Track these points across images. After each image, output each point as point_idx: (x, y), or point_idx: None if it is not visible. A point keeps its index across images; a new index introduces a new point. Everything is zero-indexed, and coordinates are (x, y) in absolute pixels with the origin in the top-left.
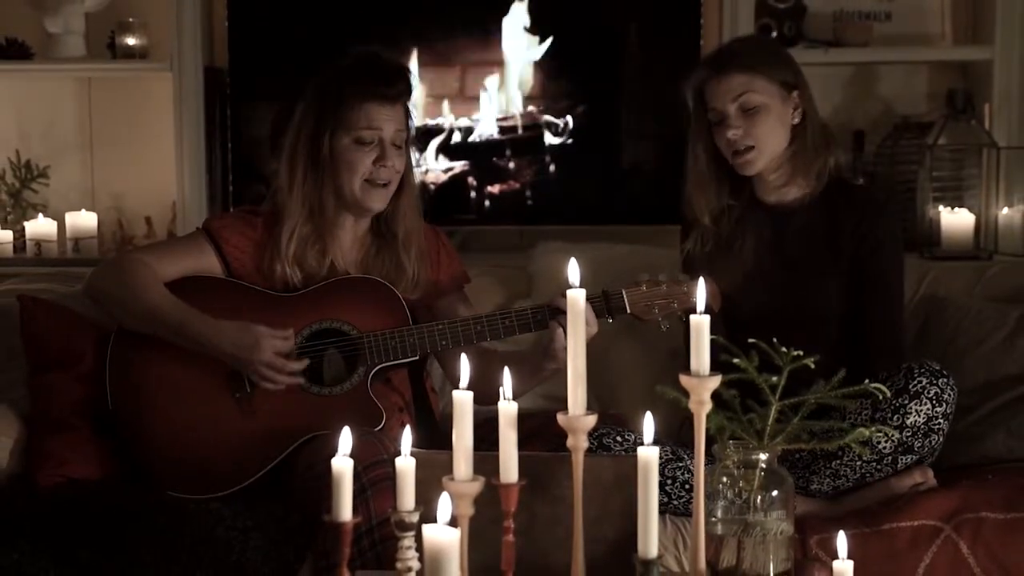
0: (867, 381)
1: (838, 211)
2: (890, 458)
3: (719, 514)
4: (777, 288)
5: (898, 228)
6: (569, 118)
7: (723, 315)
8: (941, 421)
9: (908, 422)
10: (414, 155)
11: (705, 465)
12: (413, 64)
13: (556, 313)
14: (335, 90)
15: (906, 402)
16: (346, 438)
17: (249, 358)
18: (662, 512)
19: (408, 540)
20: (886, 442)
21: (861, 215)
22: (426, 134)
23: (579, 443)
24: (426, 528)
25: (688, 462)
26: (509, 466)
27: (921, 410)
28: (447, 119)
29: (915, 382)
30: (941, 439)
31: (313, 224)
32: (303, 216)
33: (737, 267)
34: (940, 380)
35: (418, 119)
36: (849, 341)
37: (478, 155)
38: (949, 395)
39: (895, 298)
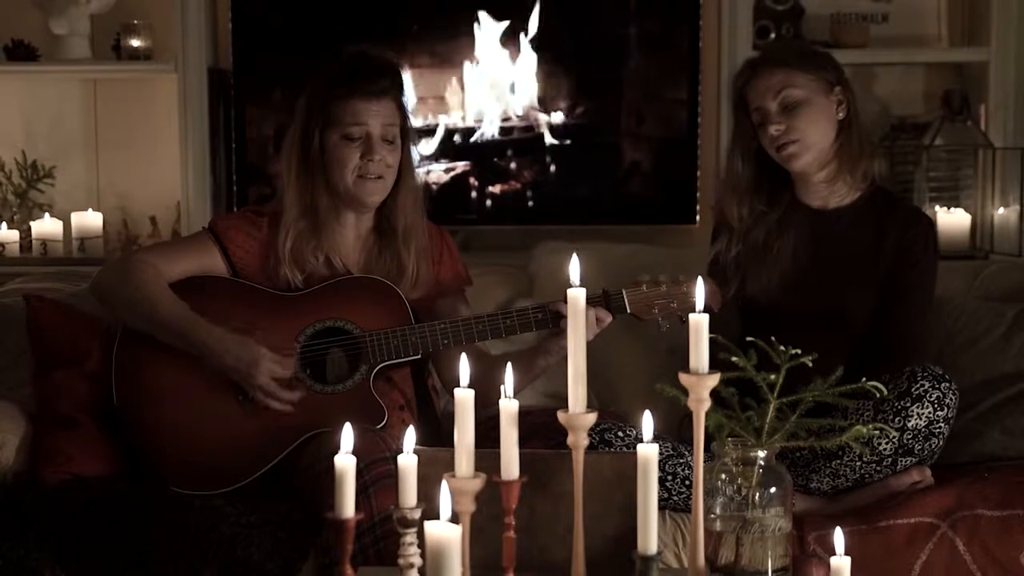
0: (863, 379)
1: (882, 222)
2: (890, 460)
3: (718, 511)
4: (810, 290)
5: (936, 245)
6: (570, 119)
7: (750, 315)
8: (942, 425)
9: (909, 425)
10: (415, 152)
11: (704, 462)
12: (415, 65)
13: (558, 317)
14: (323, 90)
15: (908, 405)
16: (348, 435)
17: (246, 374)
18: (662, 508)
19: (410, 536)
20: (887, 444)
21: (905, 228)
22: (428, 135)
23: (579, 440)
24: (428, 524)
25: (688, 458)
26: (510, 463)
27: (923, 413)
28: (449, 120)
29: (917, 386)
30: (941, 442)
31: (307, 221)
32: (297, 213)
33: (774, 268)
34: (942, 384)
35: (420, 120)
36: (869, 349)
37: (479, 155)
38: (951, 400)
39: (922, 313)
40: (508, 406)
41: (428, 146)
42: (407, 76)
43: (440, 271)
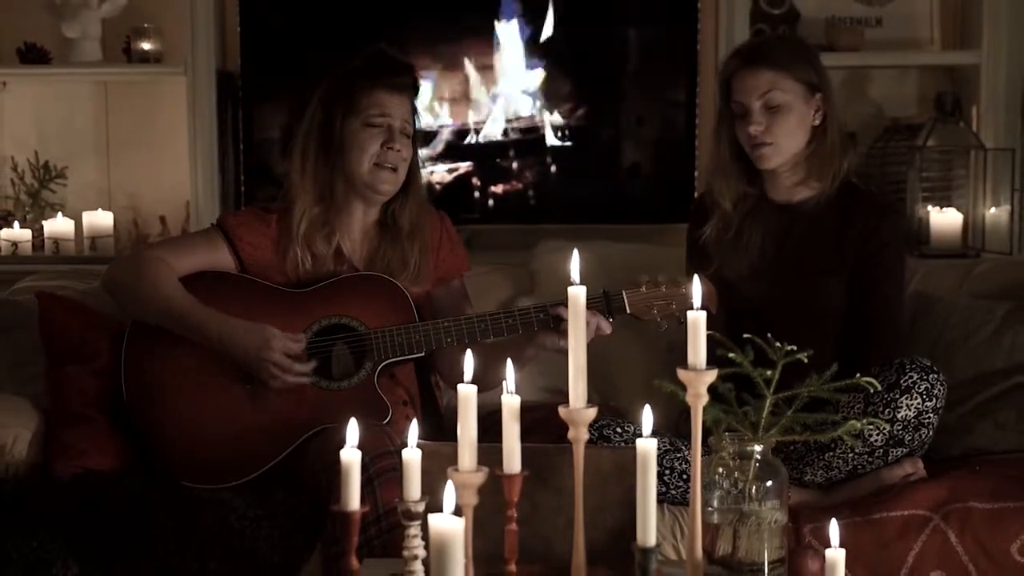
0: (857, 375)
1: (846, 213)
2: (881, 451)
3: (715, 503)
4: (781, 283)
5: (903, 232)
6: (571, 120)
7: (727, 308)
8: (931, 415)
9: (899, 416)
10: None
11: (702, 456)
12: (419, 67)
13: (559, 320)
14: (346, 81)
15: (897, 396)
16: (354, 430)
17: (258, 357)
18: (660, 501)
19: (414, 528)
20: (878, 435)
21: (867, 217)
22: (432, 135)
23: (580, 435)
24: (432, 517)
25: (685, 453)
26: (512, 457)
27: (912, 404)
28: (452, 121)
29: (906, 377)
30: (931, 433)
31: (323, 206)
32: (313, 198)
33: (742, 259)
34: (931, 376)
35: (424, 121)
36: (847, 341)
37: (482, 156)
38: (939, 390)
39: (895, 299)
40: (510, 401)
41: (432, 147)
42: None
43: (439, 257)
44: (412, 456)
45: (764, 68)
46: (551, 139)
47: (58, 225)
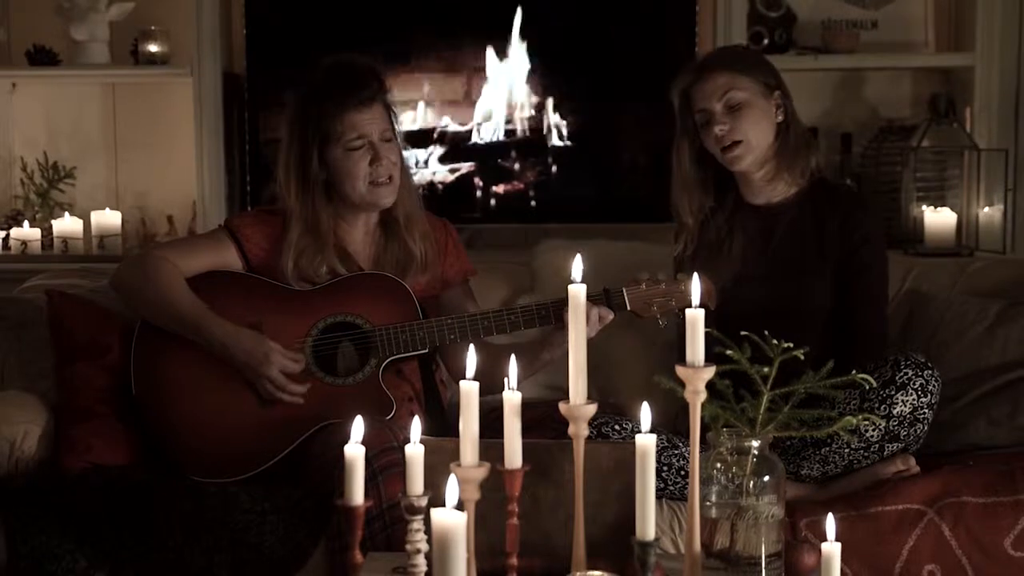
0: (854, 372)
1: (823, 210)
2: (877, 446)
3: (713, 498)
4: (766, 286)
5: (880, 224)
6: (571, 121)
7: (716, 313)
8: (926, 411)
9: (894, 412)
10: (415, 152)
11: (700, 452)
12: (422, 70)
13: (561, 314)
14: (313, 107)
15: (893, 393)
16: (358, 426)
17: (256, 370)
18: (659, 497)
19: (417, 523)
20: (873, 431)
21: (846, 213)
22: (434, 136)
23: (580, 431)
24: (434, 512)
25: (684, 449)
26: (513, 453)
27: (907, 400)
28: (454, 122)
29: (902, 374)
30: (926, 428)
31: (311, 237)
32: (300, 230)
33: (727, 267)
34: (925, 372)
35: (425, 122)
36: (835, 334)
37: (483, 156)
38: (934, 386)
39: (879, 292)
40: (511, 398)
41: (434, 148)
42: (414, 79)
43: (446, 263)
44: (415, 452)
45: (719, 72)
46: (551, 139)
47: (67, 224)
